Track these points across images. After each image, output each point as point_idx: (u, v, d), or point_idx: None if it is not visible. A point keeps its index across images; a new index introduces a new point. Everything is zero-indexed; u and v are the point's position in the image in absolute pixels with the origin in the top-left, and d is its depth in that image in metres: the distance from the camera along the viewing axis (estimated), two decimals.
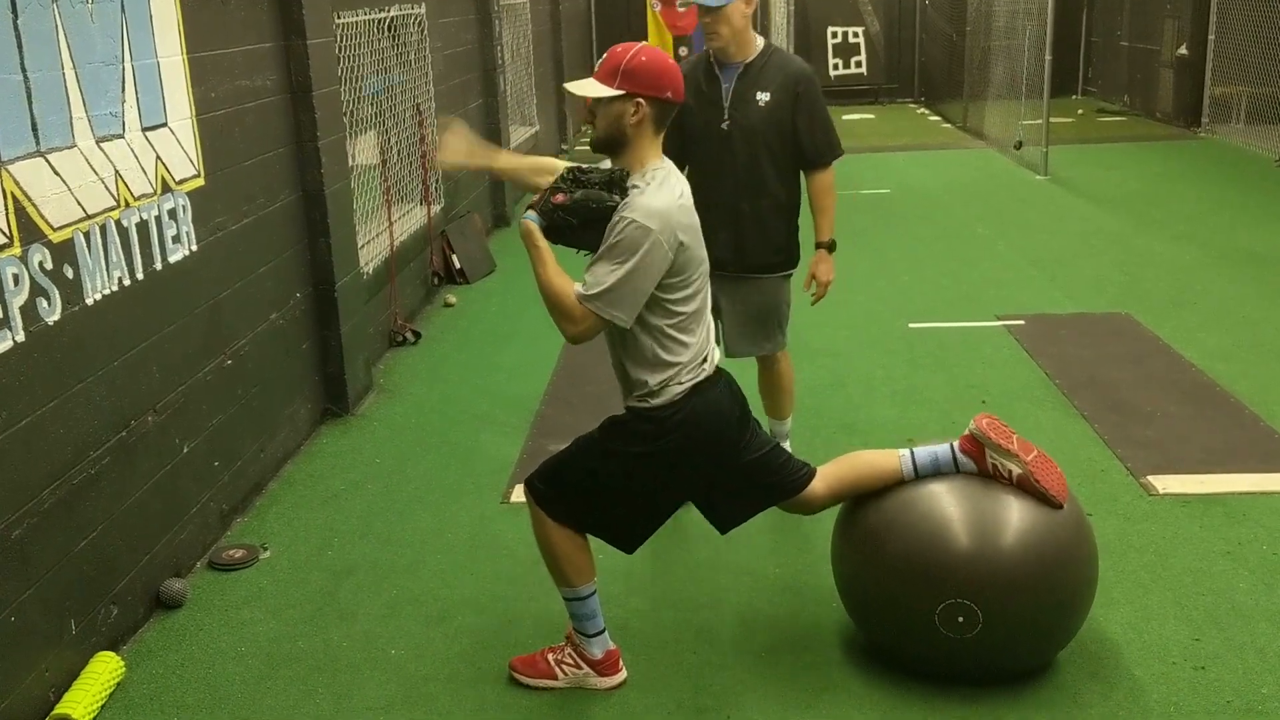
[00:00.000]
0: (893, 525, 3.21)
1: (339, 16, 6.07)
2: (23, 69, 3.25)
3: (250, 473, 4.69)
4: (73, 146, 3.48)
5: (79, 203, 3.49)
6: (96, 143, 3.61)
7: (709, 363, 3.20)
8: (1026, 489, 3.17)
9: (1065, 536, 3.15)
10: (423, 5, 7.84)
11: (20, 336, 3.20)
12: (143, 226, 3.85)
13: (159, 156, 3.99)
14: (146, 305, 3.88)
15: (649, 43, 5.36)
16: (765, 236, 4.27)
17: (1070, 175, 11.33)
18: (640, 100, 3.01)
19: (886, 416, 5.35)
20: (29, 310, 3.24)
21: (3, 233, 3.12)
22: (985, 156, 12.86)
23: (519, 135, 11.30)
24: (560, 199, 3.01)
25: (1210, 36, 13.44)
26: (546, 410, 5.55)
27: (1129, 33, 16.05)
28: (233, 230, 4.56)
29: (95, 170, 3.59)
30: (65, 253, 3.41)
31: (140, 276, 3.84)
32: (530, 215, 3.06)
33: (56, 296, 3.37)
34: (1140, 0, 15.58)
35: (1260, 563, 3.90)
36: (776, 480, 3.32)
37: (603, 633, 3.36)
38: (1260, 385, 5.48)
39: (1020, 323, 6.62)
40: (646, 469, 3.18)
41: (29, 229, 3.24)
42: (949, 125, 15.72)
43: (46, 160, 3.34)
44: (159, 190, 3.97)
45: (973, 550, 3.08)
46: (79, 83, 3.52)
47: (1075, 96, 17.58)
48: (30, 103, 3.27)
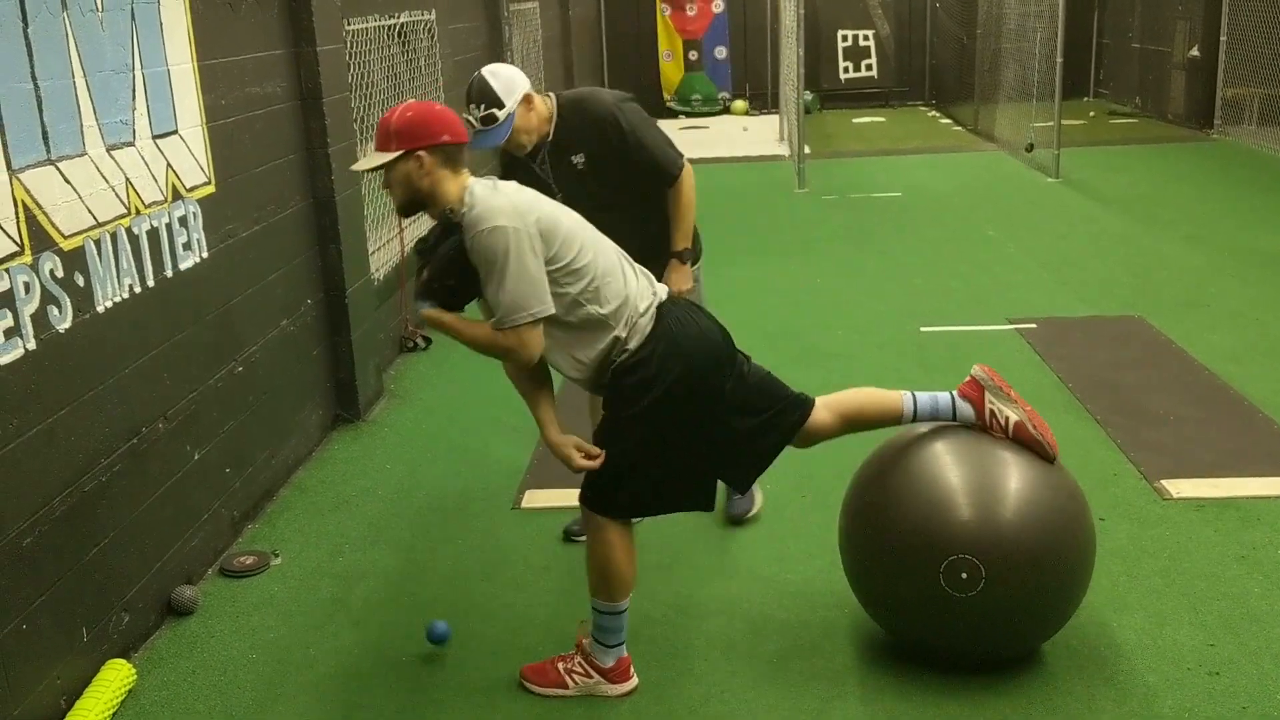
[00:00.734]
0: (899, 490, 3.29)
1: (349, 23, 6.08)
2: (33, 77, 3.26)
3: (261, 479, 4.69)
4: (83, 154, 3.49)
5: (90, 210, 3.50)
6: (107, 150, 3.62)
7: (656, 294, 3.26)
8: (1022, 438, 3.29)
9: (1065, 503, 3.26)
10: (433, 11, 7.85)
11: (31, 344, 3.21)
12: (153, 234, 3.86)
13: (169, 164, 4.00)
14: (157, 313, 3.89)
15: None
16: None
17: (1081, 177, 11.29)
18: (420, 154, 3.08)
19: None
20: (40, 318, 3.25)
21: (14, 241, 3.13)
22: (996, 159, 12.82)
23: None
24: (426, 275, 3.17)
25: (1222, 38, 13.39)
26: (557, 416, 5.52)
27: (1140, 34, 15.99)
28: (243, 237, 4.57)
29: (106, 178, 3.60)
30: (76, 260, 3.42)
31: (151, 284, 3.85)
32: (423, 305, 3.19)
33: (67, 304, 3.38)
34: (1151, 2, 15.52)
35: (1275, 567, 3.87)
36: (785, 405, 3.34)
37: (622, 644, 3.36)
38: (1273, 388, 5.45)
39: (1032, 326, 6.59)
40: (669, 412, 3.18)
41: (40, 237, 3.25)
42: (960, 128, 15.67)
43: (57, 168, 3.35)
44: (169, 198, 3.98)
45: (977, 510, 3.17)
46: (89, 91, 3.53)
47: (1086, 99, 17.50)
48: (41, 111, 3.28)
